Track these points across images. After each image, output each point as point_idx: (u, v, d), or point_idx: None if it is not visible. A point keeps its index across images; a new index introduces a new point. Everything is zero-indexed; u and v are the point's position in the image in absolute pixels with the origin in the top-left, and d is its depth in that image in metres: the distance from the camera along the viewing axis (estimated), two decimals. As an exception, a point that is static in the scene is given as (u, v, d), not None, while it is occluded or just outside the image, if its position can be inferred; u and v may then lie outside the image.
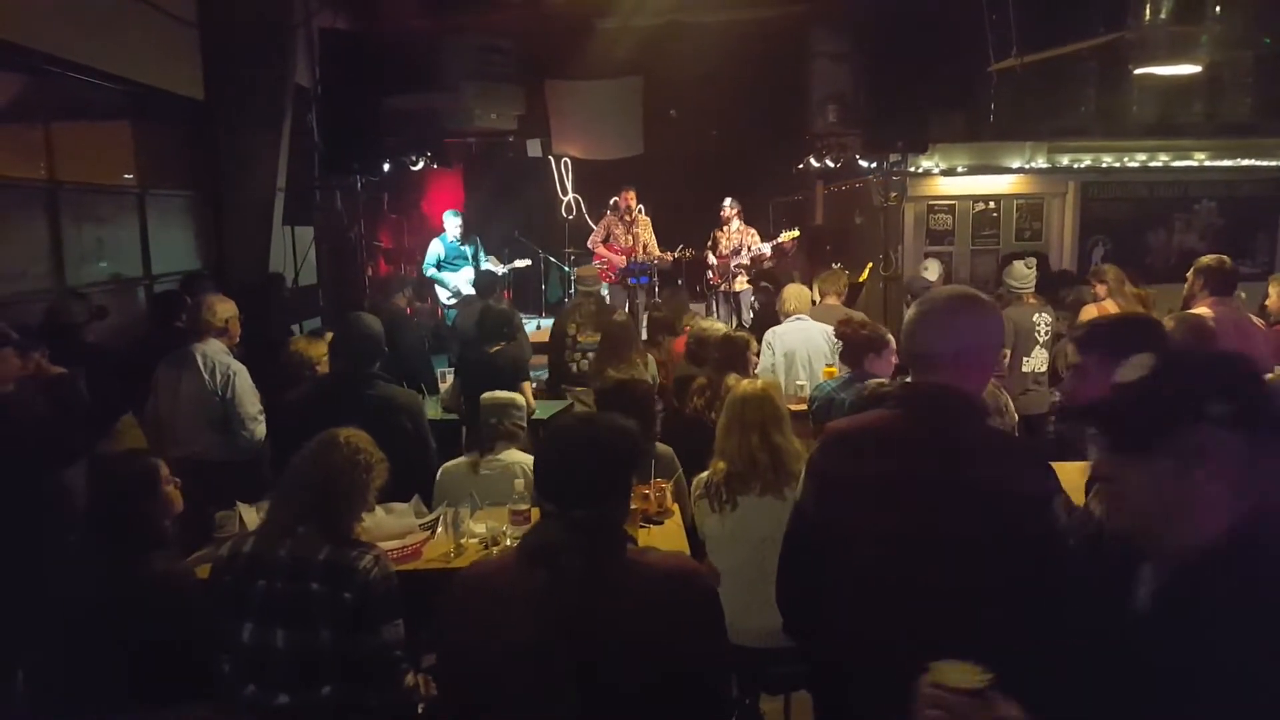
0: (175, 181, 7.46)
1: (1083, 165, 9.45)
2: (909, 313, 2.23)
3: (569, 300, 10.93)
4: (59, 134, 5.91)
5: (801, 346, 6.15)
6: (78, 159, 6.15)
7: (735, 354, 4.96)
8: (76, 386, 4.51)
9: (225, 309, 4.86)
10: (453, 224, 9.94)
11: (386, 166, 8.99)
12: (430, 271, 9.91)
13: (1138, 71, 6.14)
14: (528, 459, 4.01)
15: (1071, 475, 2.37)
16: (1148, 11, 5.53)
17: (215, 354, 4.70)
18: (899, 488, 2.02)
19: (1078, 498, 2.31)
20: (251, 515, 3.61)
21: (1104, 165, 9.43)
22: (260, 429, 4.72)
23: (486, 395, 4.29)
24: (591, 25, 10.24)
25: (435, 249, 9.90)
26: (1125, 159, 9.40)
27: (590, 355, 6.65)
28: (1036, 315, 6.34)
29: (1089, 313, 6.09)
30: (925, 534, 1.98)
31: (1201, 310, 4.84)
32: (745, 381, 3.77)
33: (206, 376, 4.64)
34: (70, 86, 5.97)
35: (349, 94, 7.69)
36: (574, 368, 6.68)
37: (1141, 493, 1.48)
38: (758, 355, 5.48)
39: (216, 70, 7.28)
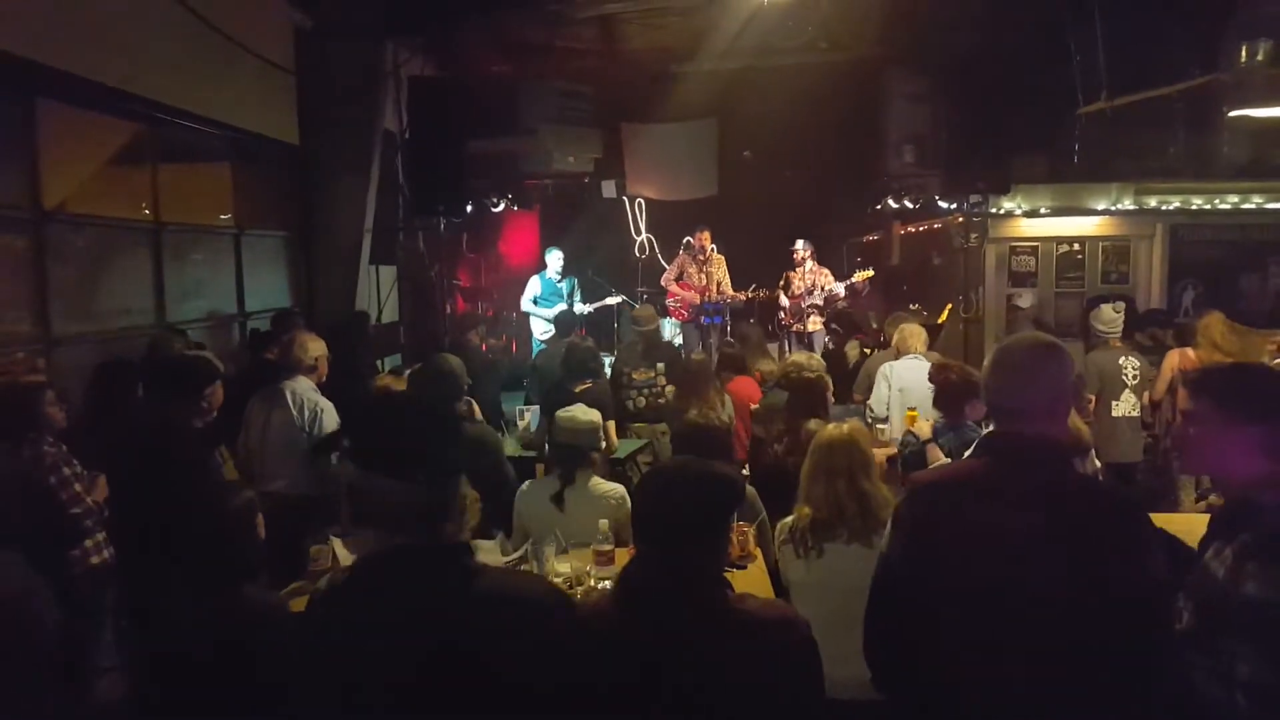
0: (269, 222, 7.75)
1: (1171, 207, 9.20)
2: (990, 362, 2.19)
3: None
4: (164, 177, 6.21)
5: (917, 386, 6.03)
6: (180, 201, 6.44)
7: (816, 398, 4.92)
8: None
9: (316, 347, 4.98)
10: (554, 260, 10.11)
11: (469, 208, 9.19)
12: (527, 307, 10.10)
13: (1232, 114, 5.98)
14: (613, 488, 4.04)
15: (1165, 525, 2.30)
16: (1244, 53, 5.41)
17: (304, 391, 4.80)
18: (992, 540, 1.98)
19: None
20: (343, 550, 3.68)
21: (1194, 207, 9.16)
22: (346, 465, 4.79)
23: (564, 416, 4.13)
24: (668, 71, 10.43)
25: (533, 286, 10.09)
26: (1216, 201, 9.13)
27: (645, 392, 6.72)
28: (1124, 359, 6.20)
29: (1171, 359, 5.95)
30: (1020, 587, 1.93)
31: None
32: (831, 426, 3.71)
33: (295, 413, 4.73)
34: (176, 131, 6.26)
35: (435, 139, 7.90)
36: (630, 405, 6.74)
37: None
38: (834, 397, 5.43)
39: (311, 116, 7.58)
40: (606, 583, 3.43)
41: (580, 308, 10.17)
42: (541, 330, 9.99)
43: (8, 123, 4.85)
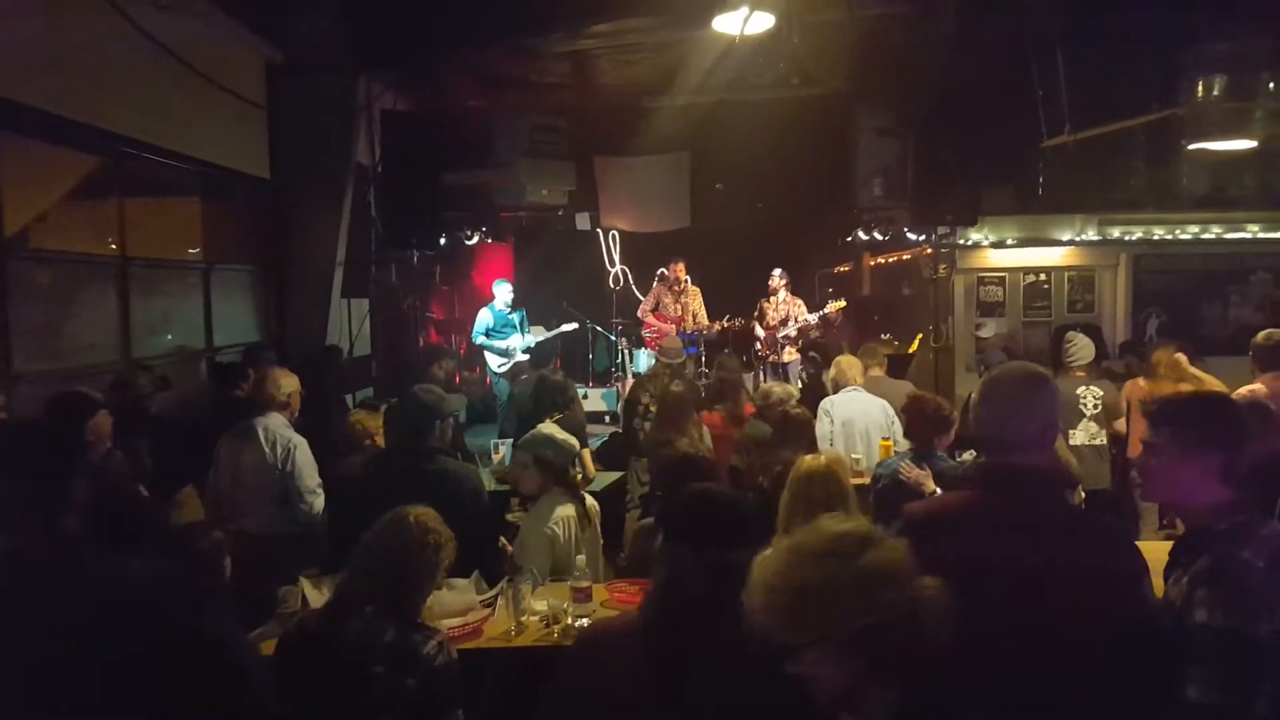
0: (239, 256, 7.69)
1: (1134, 238, 9.40)
2: (980, 394, 2.22)
3: (621, 373, 11.03)
4: (131, 212, 6.13)
5: (860, 418, 6.10)
6: (148, 235, 6.36)
7: (803, 432, 4.94)
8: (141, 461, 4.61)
9: (289, 383, 4.90)
10: (503, 292, 10.06)
11: (443, 241, 9.17)
12: (480, 340, 10.02)
13: (1191, 147, 6.13)
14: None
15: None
16: (1200, 89, 5.55)
17: (277, 427, 4.71)
18: (987, 571, 1.99)
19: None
20: (314, 592, 3.61)
21: (1155, 237, 9.36)
22: (318, 502, 4.71)
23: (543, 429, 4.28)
24: (641, 104, 10.51)
25: (484, 318, 10.01)
26: (1177, 231, 9.34)
27: (658, 424, 6.70)
28: (1083, 388, 6.14)
29: (1126, 389, 6.02)
30: (1016, 617, 1.95)
31: (1257, 387, 4.77)
32: (809, 457, 3.70)
33: (268, 450, 4.64)
34: (143, 166, 6.20)
35: (407, 172, 7.88)
36: (640, 435, 6.72)
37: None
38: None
39: (282, 150, 7.55)
40: (585, 620, 3.39)
41: (530, 338, 10.08)
42: (497, 363, 9.93)
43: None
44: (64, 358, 5.56)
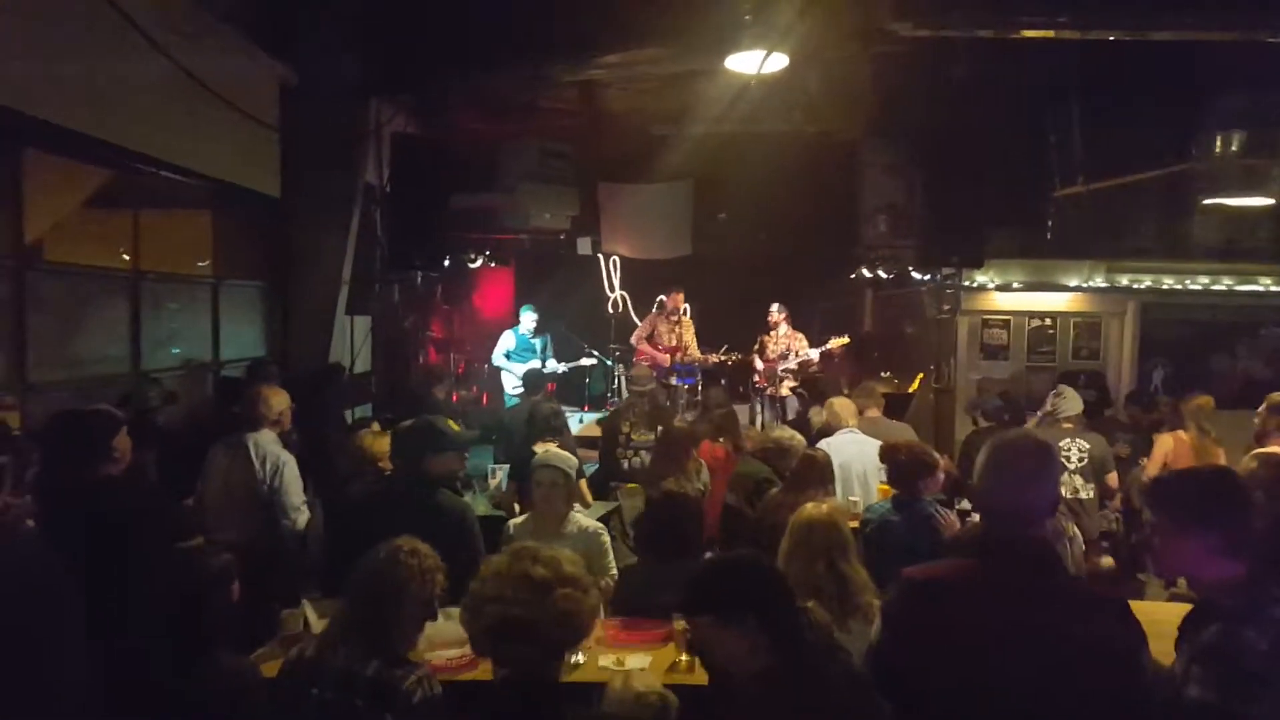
0: (247, 272, 7.71)
1: (1142, 286, 9.40)
2: (989, 462, 2.21)
3: (617, 398, 11.01)
4: (145, 226, 6.21)
5: (856, 460, 6.07)
6: (160, 250, 6.42)
7: (825, 474, 4.91)
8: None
9: (279, 401, 4.99)
10: (528, 319, 10.17)
11: (446, 263, 9.21)
12: (499, 361, 10.12)
13: (1207, 202, 6.14)
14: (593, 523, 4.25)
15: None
16: (1218, 144, 5.57)
17: (267, 443, 4.82)
18: (986, 642, 2.02)
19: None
20: (314, 617, 3.62)
21: (1165, 286, 9.36)
22: (301, 518, 4.82)
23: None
24: (647, 132, 10.58)
25: (506, 340, 10.14)
26: (1187, 281, 9.33)
27: (643, 454, 6.69)
28: (1067, 440, 5.99)
29: (1165, 443, 5.99)
30: (1013, 688, 1.97)
31: (1274, 448, 4.78)
32: (810, 505, 3.67)
33: (257, 465, 4.76)
34: (158, 182, 6.23)
35: (415, 195, 7.93)
36: (625, 465, 6.76)
37: None
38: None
39: (293, 170, 7.59)
40: (580, 657, 3.37)
41: (553, 365, 10.16)
42: (513, 385, 9.98)
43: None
44: (77, 368, 5.62)
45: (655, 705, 2.40)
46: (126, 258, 6.10)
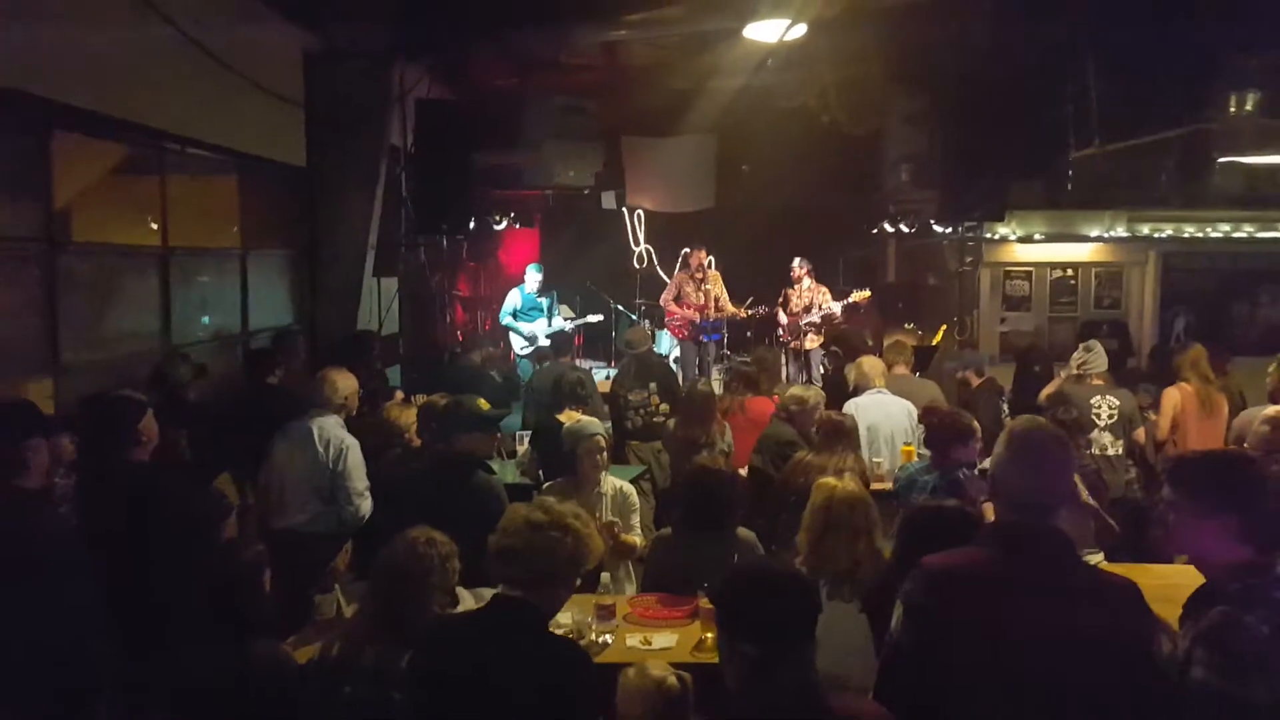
0: (274, 241, 7.81)
1: (1164, 235, 9.32)
2: (1007, 451, 2.22)
3: (657, 350, 11.11)
4: (172, 202, 6.23)
5: (884, 422, 6.12)
6: (188, 224, 6.46)
7: (850, 438, 5.02)
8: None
9: (346, 385, 4.87)
10: (533, 277, 10.17)
11: (472, 224, 9.26)
12: (506, 320, 10.16)
13: (1222, 160, 6.08)
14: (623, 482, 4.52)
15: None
16: (1233, 103, 5.50)
17: (331, 428, 4.72)
18: (1006, 632, 2.04)
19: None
20: (345, 602, 3.71)
21: (1186, 235, 9.28)
22: (365, 504, 4.70)
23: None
24: (669, 86, 10.50)
25: (513, 299, 10.14)
26: (1208, 229, 9.25)
27: (641, 412, 6.85)
28: (1098, 398, 5.99)
29: (1171, 397, 6.01)
30: (1034, 679, 2.01)
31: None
32: (836, 482, 3.70)
33: (320, 450, 4.65)
34: (184, 159, 6.32)
35: (439, 158, 7.97)
36: (629, 425, 6.88)
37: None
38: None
39: (317, 137, 7.64)
40: (608, 637, 3.52)
41: (559, 322, 10.19)
42: (520, 345, 10.06)
43: (25, 156, 4.90)
44: (108, 347, 5.67)
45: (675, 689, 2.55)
46: (155, 234, 6.14)
